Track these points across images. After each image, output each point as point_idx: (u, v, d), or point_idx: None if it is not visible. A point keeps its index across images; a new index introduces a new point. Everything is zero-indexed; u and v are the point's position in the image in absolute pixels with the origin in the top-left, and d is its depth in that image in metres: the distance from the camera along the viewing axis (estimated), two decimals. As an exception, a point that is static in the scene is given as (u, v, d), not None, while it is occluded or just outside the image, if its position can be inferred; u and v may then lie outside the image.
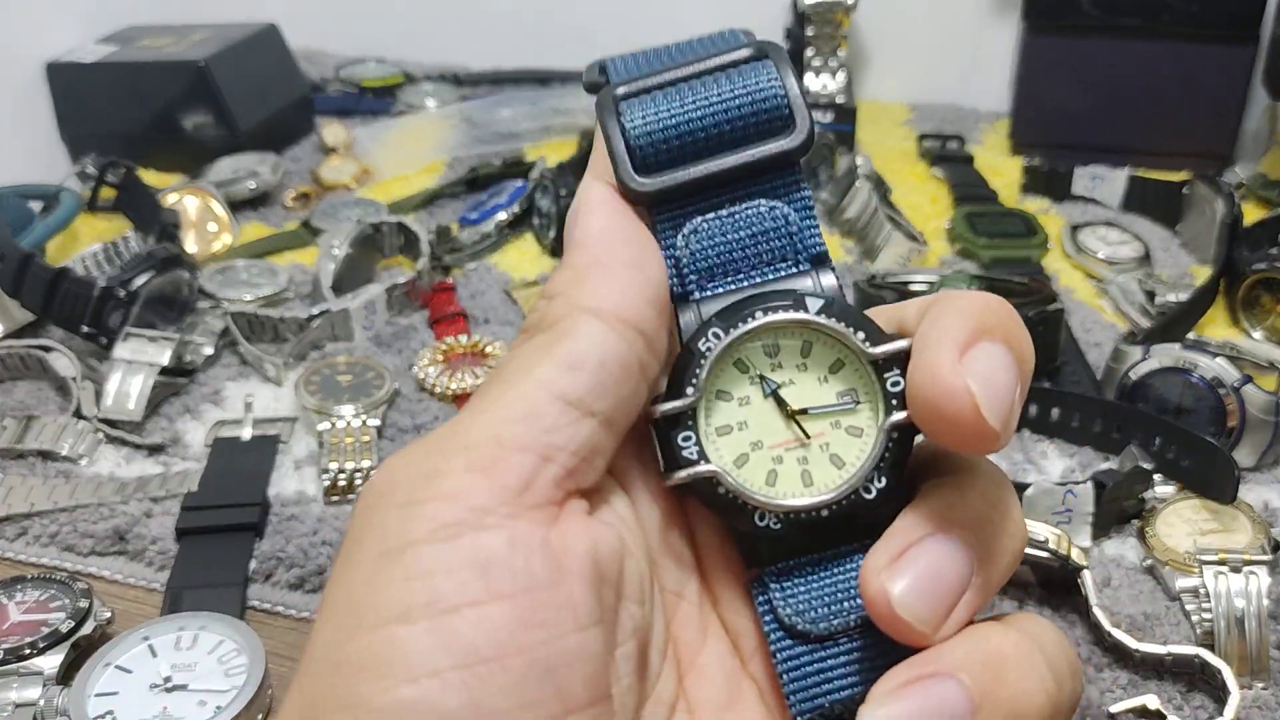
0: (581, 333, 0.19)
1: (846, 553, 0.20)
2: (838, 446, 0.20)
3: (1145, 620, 0.44)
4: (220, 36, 0.89)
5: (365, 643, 0.16)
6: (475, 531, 0.17)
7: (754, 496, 0.20)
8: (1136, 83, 0.86)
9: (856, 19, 0.97)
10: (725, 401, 0.20)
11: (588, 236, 0.20)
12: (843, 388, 0.20)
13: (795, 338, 0.20)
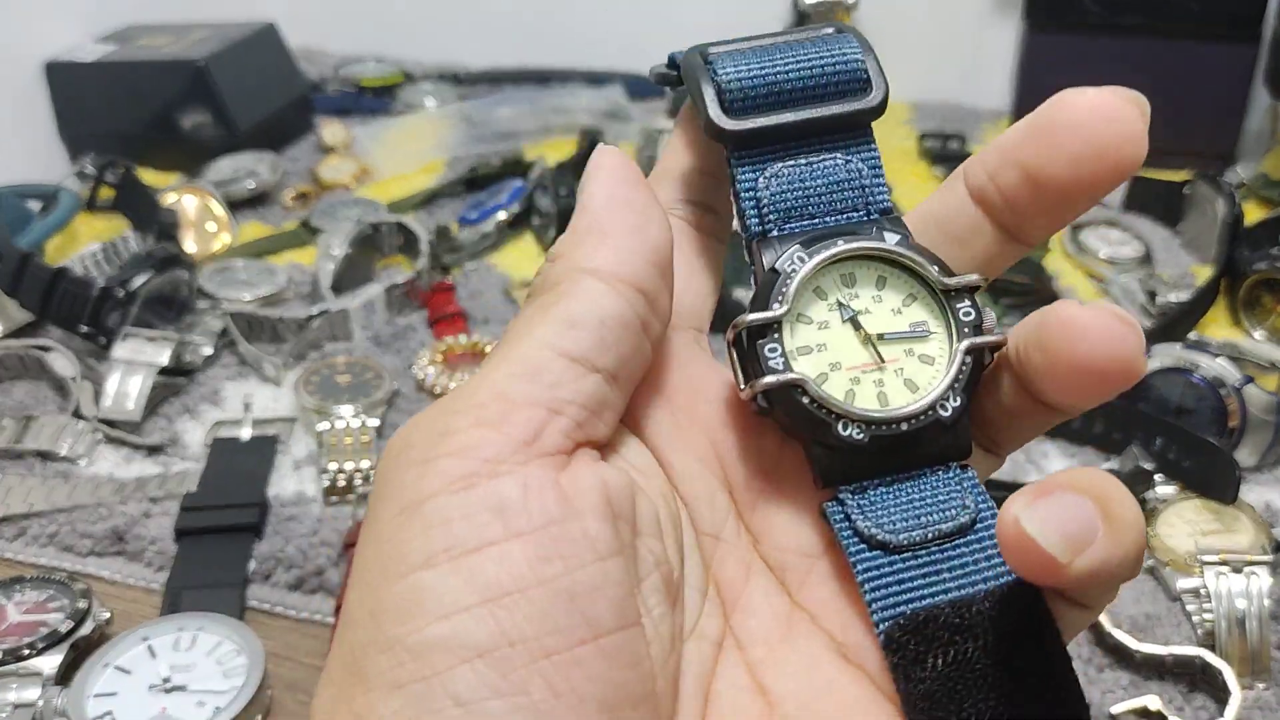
0: (580, 292, 0.20)
1: (924, 470, 0.20)
2: (911, 372, 0.21)
3: (1146, 621, 0.44)
4: (219, 36, 0.88)
5: (395, 590, 0.17)
6: (488, 480, 0.18)
7: (839, 405, 0.20)
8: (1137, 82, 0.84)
9: (857, 18, 0.97)
10: (805, 324, 0.21)
11: (592, 201, 0.21)
12: (916, 319, 0.21)
13: (871, 269, 0.21)
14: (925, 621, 0.19)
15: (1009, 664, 0.18)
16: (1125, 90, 0.21)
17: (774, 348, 0.20)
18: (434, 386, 0.60)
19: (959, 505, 0.20)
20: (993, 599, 0.19)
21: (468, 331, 0.65)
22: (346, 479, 0.52)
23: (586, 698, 0.17)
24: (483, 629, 0.17)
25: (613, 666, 0.17)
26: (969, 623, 0.19)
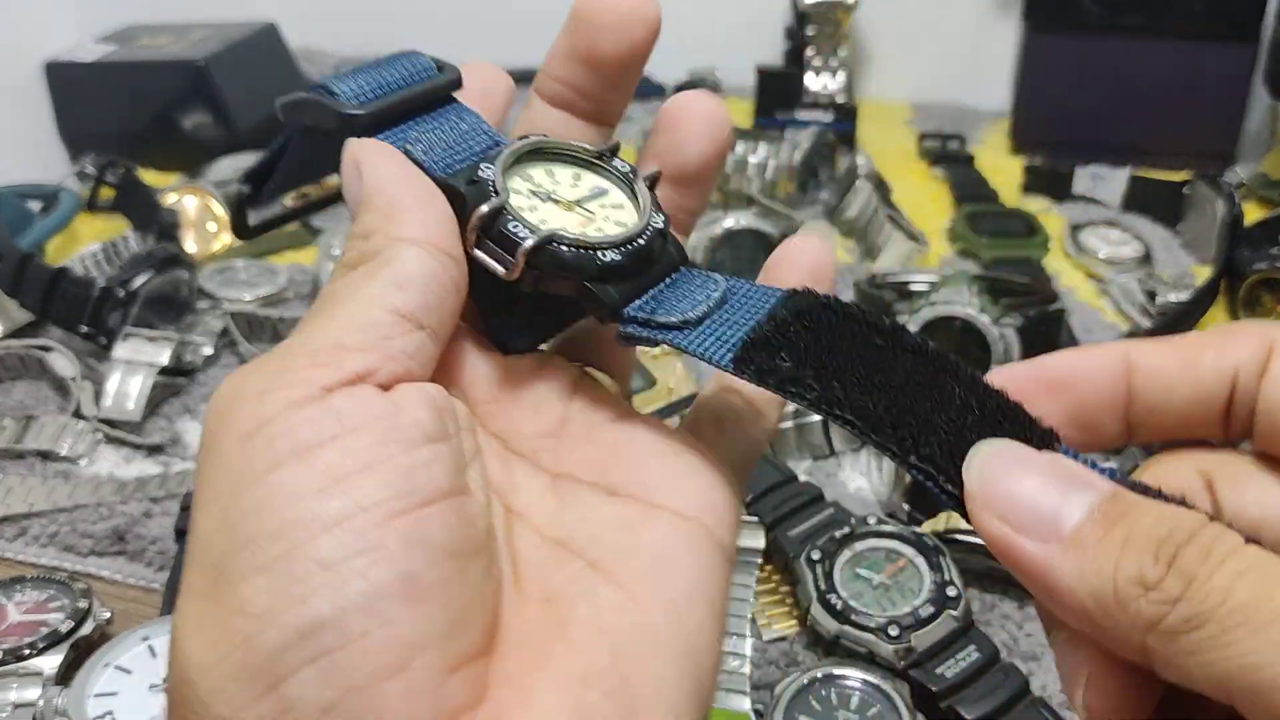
0: (405, 258, 0.22)
1: (670, 272, 0.25)
2: (615, 216, 0.25)
3: (1147, 621, 0.44)
4: (219, 36, 0.89)
5: (247, 498, 0.19)
6: (322, 400, 0.20)
7: (591, 239, 0.23)
8: (1137, 82, 0.86)
9: (857, 18, 0.97)
10: (521, 208, 0.24)
11: (382, 182, 0.23)
12: (591, 184, 0.26)
13: (537, 163, 0.25)
14: (755, 342, 0.23)
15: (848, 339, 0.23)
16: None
17: (515, 224, 0.23)
18: (434, 386, 0.60)
19: (712, 284, 0.24)
20: (790, 309, 0.23)
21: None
22: (347, 479, 0.52)
23: (438, 546, 0.19)
24: (335, 503, 0.18)
25: (455, 522, 0.20)
26: (786, 325, 0.23)
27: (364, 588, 0.18)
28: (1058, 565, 0.19)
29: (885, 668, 0.40)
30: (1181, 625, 0.17)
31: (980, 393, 0.22)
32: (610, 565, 0.22)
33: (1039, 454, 0.21)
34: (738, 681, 0.41)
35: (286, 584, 0.18)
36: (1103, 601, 0.18)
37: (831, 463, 0.55)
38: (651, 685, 0.20)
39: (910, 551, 0.44)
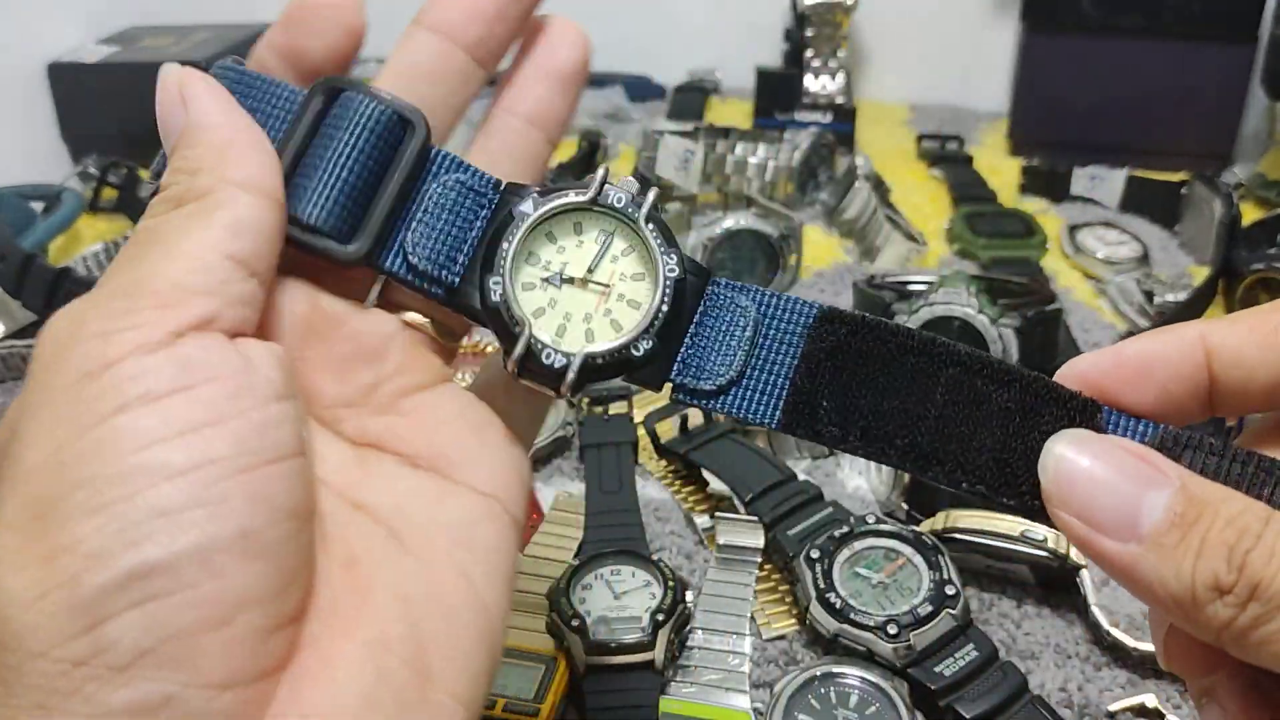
0: (241, 202, 0.21)
1: (696, 299, 0.25)
2: (629, 278, 0.25)
3: (1144, 619, 0.44)
4: (221, 37, 0.89)
5: (88, 438, 0.18)
6: (172, 345, 0.19)
7: (623, 340, 0.24)
8: (1135, 83, 0.86)
9: (856, 19, 0.98)
10: (527, 291, 0.24)
11: (210, 117, 0.23)
12: (594, 234, 0.25)
13: (538, 236, 0.25)
14: (797, 399, 0.23)
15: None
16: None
17: (549, 352, 0.24)
18: (435, 386, 0.60)
19: (740, 315, 0.24)
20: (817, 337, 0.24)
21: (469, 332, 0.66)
22: (349, 478, 0.52)
23: (278, 506, 0.19)
24: (182, 454, 0.18)
25: (296, 484, 0.20)
26: (821, 367, 0.23)
27: (200, 539, 0.18)
28: (1138, 564, 0.20)
29: (884, 666, 0.41)
30: (1250, 624, 0.19)
31: (1018, 389, 0.22)
32: (410, 536, 0.22)
33: (1107, 447, 0.21)
34: (737, 680, 0.41)
35: (122, 527, 0.18)
36: (1181, 602, 0.20)
37: (830, 462, 0.55)
38: (447, 652, 0.22)
39: (909, 550, 0.44)
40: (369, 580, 0.22)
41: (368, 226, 0.23)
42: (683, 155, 0.77)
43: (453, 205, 0.24)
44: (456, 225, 0.24)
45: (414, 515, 0.23)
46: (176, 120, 0.23)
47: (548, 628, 0.42)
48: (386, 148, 0.24)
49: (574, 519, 0.50)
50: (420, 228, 0.24)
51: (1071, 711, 0.41)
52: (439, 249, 0.24)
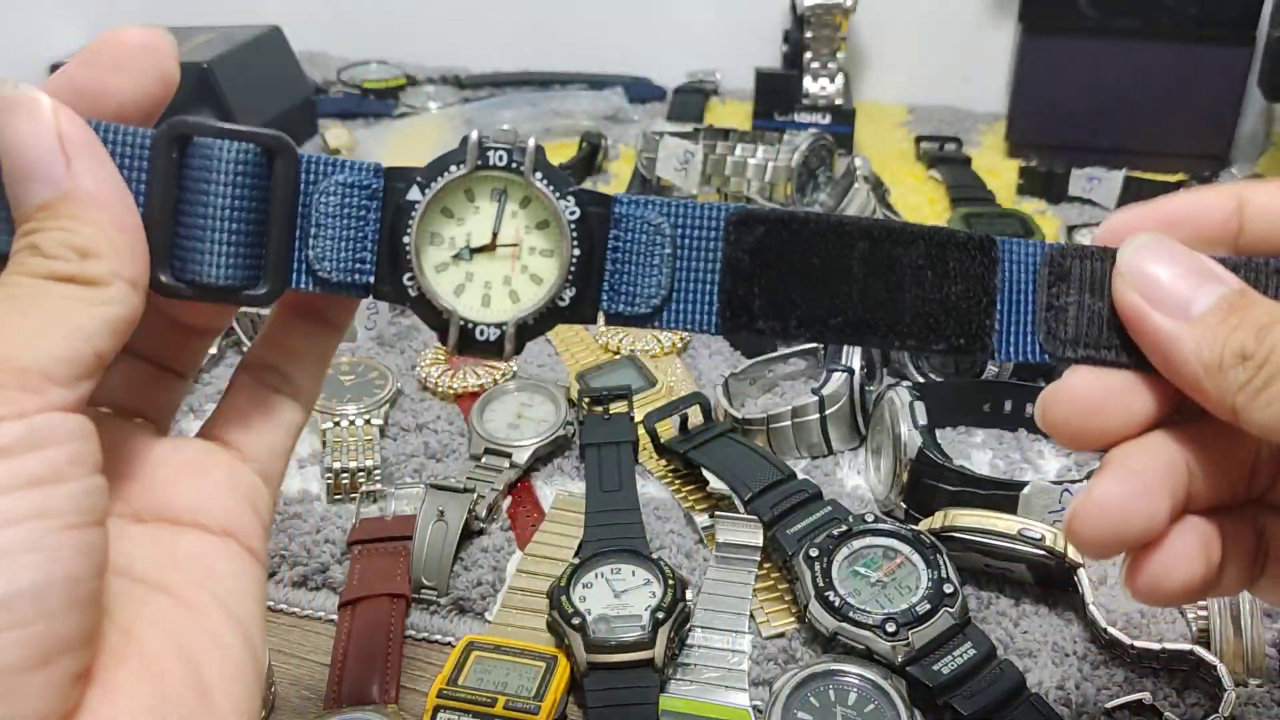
0: (127, 304, 0.22)
1: (604, 228, 0.25)
2: (534, 231, 0.25)
3: (1141, 618, 0.45)
4: (224, 39, 0.89)
5: None
6: (29, 417, 0.20)
7: (546, 295, 0.25)
8: (1133, 84, 0.87)
9: (855, 21, 0.98)
10: (460, 287, 0.25)
11: (105, 192, 0.22)
12: (484, 198, 0.25)
13: (435, 214, 0.25)
14: (731, 302, 0.25)
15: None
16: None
17: (482, 329, 0.25)
18: (436, 386, 0.60)
19: (656, 235, 0.25)
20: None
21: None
22: (350, 477, 0.53)
23: (98, 562, 0.21)
24: (25, 503, 0.19)
25: (106, 544, 0.21)
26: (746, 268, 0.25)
27: (35, 580, 0.19)
28: (1180, 339, 0.24)
29: (883, 664, 0.41)
30: (1262, 383, 0.23)
31: (923, 244, 0.24)
32: (155, 577, 0.24)
33: (1185, 249, 0.25)
34: (736, 678, 0.42)
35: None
36: (1210, 369, 0.23)
37: (829, 461, 0.55)
38: (219, 669, 0.23)
39: (907, 549, 0.44)
40: (129, 622, 0.23)
41: (269, 264, 0.24)
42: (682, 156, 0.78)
43: (341, 208, 0.24)
44: (352, 226, 0.24)
45: (151, 559, 0.24)
46: (49, 171, 0.21)
47: (548, 626, 0.42)
48: (260, 182, 0.23)
49: (574, 518, 0.50)
50: (318, 241, 0.24)
51: (1069, 709, 0.41)
52: (343, 255, 0.24)
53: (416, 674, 0.44)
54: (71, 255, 0.21)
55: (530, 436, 0.55)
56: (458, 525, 0.48)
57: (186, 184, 0.23)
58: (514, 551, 0.49)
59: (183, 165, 0.23)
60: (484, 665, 0.41)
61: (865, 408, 0.55)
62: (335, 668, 0.43)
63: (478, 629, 0.45)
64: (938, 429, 0.55)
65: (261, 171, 0.23)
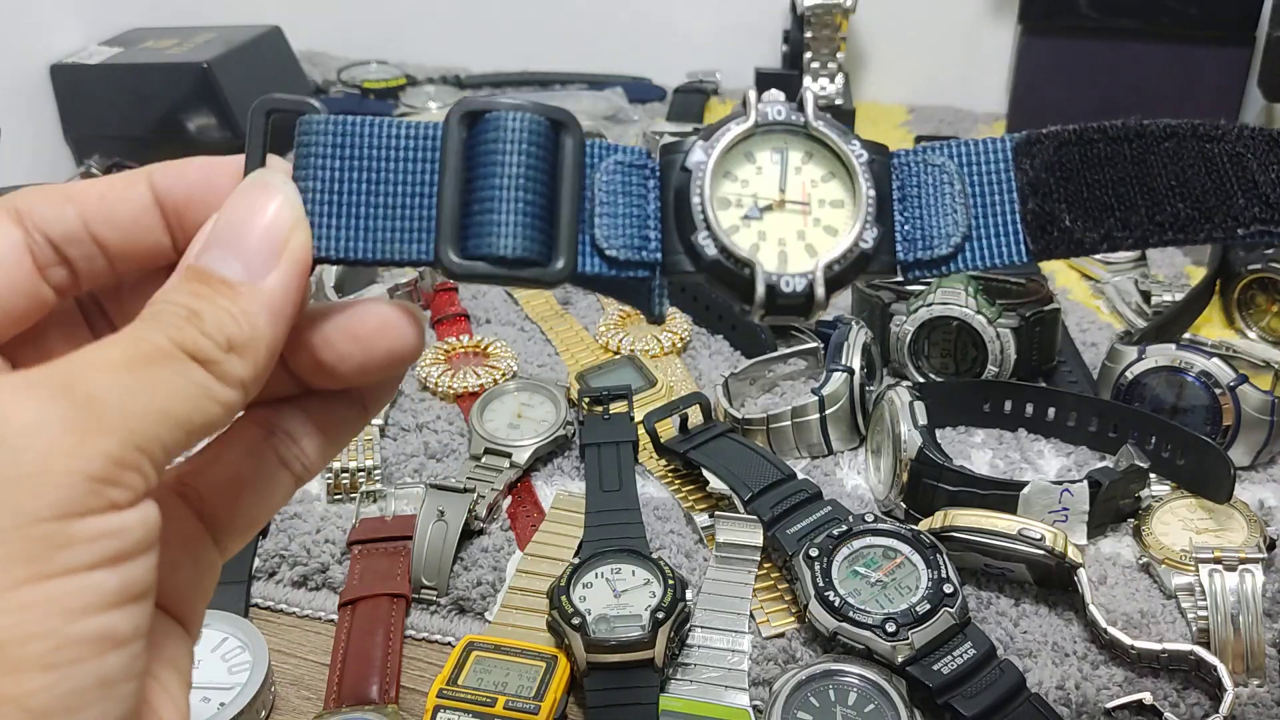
0: (230, 413, 0.20)
1: (889, 179, 0.25)
2: (821, 184, 0.24)
3: (1141, 618, 0.45)
4: (224, 38, 0.89)
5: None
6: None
7: (848, 241, 0.23)
8: (1133, 84, 0.87)
9: (855, 21, 0.98)
10: (757, 244, 0.24)
11: (286, 307, 0.21)
12: (768, 156, 0.25)
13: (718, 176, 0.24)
14: (1036, 222, 0.24)
15: None
16: None
17: (787, 279, 0.23)
18: (436, 386, 0.60)
19: (942, 172, 0.24)
20: None
21: (470, 331, 0.66)
22: (350, 478, 0.53)
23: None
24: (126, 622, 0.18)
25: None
26: (1047, 185, 0.23)
27: (124, 713, 0.18)
28: None
29: (883, 664, 0.41)
30: None
31: (1229, 140, 0.23)
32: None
33: None
34: (736, 678, 0.42)
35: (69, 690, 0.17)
36: None
37: (829, 461, 0.55)
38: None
39: (907, 549, 0.44)
40: None
41: (561, 240, 0.22)
42: (682, 156, 0.77)
43: (623, 187, 0.23)
44: (635, 205, 0.23)
45: None
46: (255, 262, 0.20)
47: (548, 626, 0.42)
48: (549, 155, 0.23)
49: (574, 518, 0.50)
50: (603, 220, 0.23)
51: (1069, 709, 0.41)
52: (629, 233, 0.23)
53: (416, 674, 0.44)
54: (223, 342, 0.20)
55: (530, 436, 0.55)
56: (458, 525, 0.48)
57: (477, 159, 0.22)
58: (514, 551, 0.49)
59: (471, 143, 0.22)
60: (484, 665, 0.41)
61: (865, 408, 0.55)
62: (335, 668, 0.43)
63: (478, 629, 0.45)
64: (938, 429, 0.55)
65: (550, 144, 0.23)
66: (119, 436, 0.18)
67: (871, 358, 0.57)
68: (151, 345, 0.19)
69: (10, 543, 0.17)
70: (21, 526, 0.17)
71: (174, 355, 0.19)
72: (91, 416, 0.17)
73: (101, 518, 0.17)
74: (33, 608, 0.17)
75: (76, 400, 0.17)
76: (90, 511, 0.17)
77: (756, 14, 1.02)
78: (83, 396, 0.17)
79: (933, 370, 0.59)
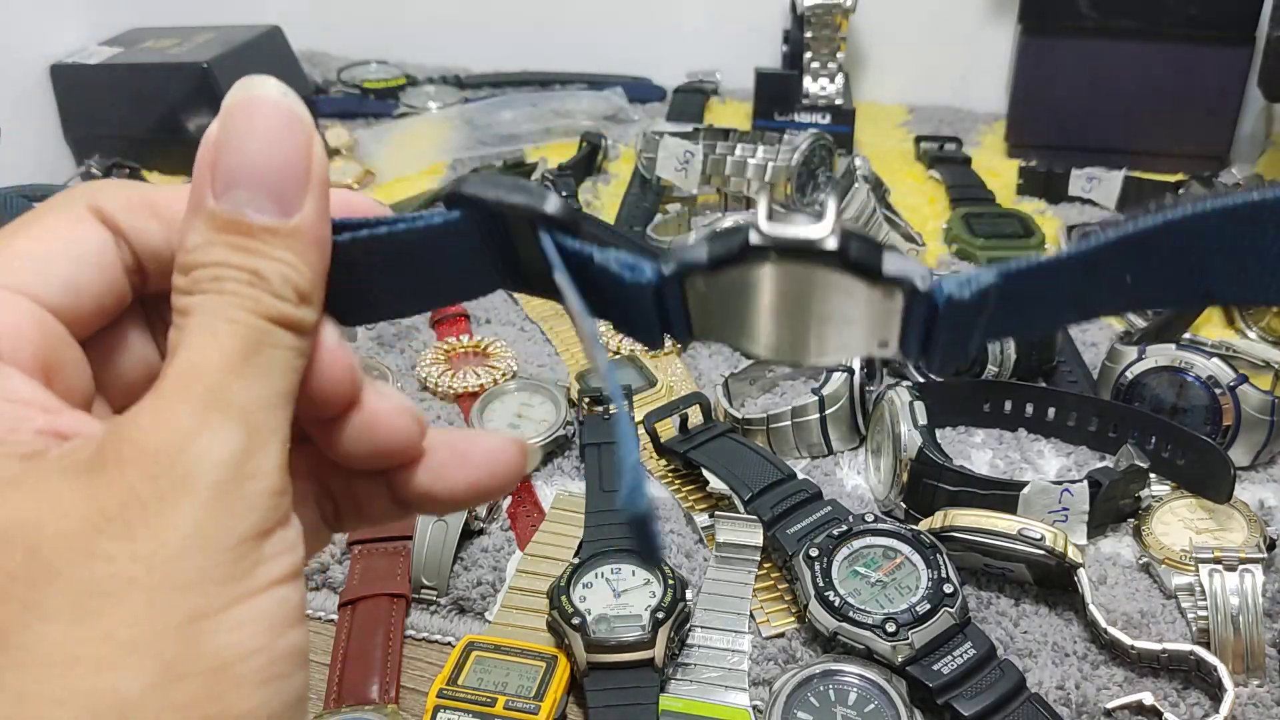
0: (307, 357, 0.20)
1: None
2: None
3: (1141, 618, 0.45)
4: (224, 38, 0.89)
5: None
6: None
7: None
8: (1133, 84, 0.87)
9: (855, 21, 0.98)
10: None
11: (325, 231, 0.20)
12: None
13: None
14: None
15: None
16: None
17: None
18: (437, 386, 0.60)
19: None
20: None
21: (470, 331, 0.66)
22: (350, 478, 0.53)
23: None
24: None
25: None
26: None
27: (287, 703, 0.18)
28: None
29: (883, 664, 0.41)
30: None
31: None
32: None
33: None
34: (736, 678, 0.42)
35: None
36: None
37: (829, 461, 0.55)
38: None
39: (907, 549, 0.44)
40: None
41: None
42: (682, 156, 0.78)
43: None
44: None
45: None
46: (290, 196, 0.19)
47: (548, 626, 0.42)
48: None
49: (574, 518, 0.50)
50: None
51: (1069, 709, 0.41)
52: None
53: (416, 674, 0.44)
54: (294, 297, 0.19)
55: (530, 436, 0.55)
56: (458, 525, 0.48)
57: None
58: (514, 551, 0.49)
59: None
60: (484, 665, 0.41)
61: (865, 408, 0.55)
62: (335, 668, 0.43)
63: (478, 629, 0.45)
64: (938, 429, 0.55)
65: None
66: (276, 444, 0.18)
67: (872, 357, 0.58)
68: (248, 328, 0.18)
69: (223, 565, 0.17)
70: (230, 549, 0.17)
71: (268, 331, 0.18)
72: (254, 430, 0.18)
73: (282, 532, 0.18)
74: (248, 625, 0.17)
75: (240, 418, 0.17)
76: (276, 526, 0.18)
77: (756, 14, 1.02)
78: (238, 410, 0.18)
79: (932, 370, 0.60)
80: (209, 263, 0.18)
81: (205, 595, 0.17)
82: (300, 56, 0.97)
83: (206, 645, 0.16)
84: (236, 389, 0.18)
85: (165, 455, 0.17)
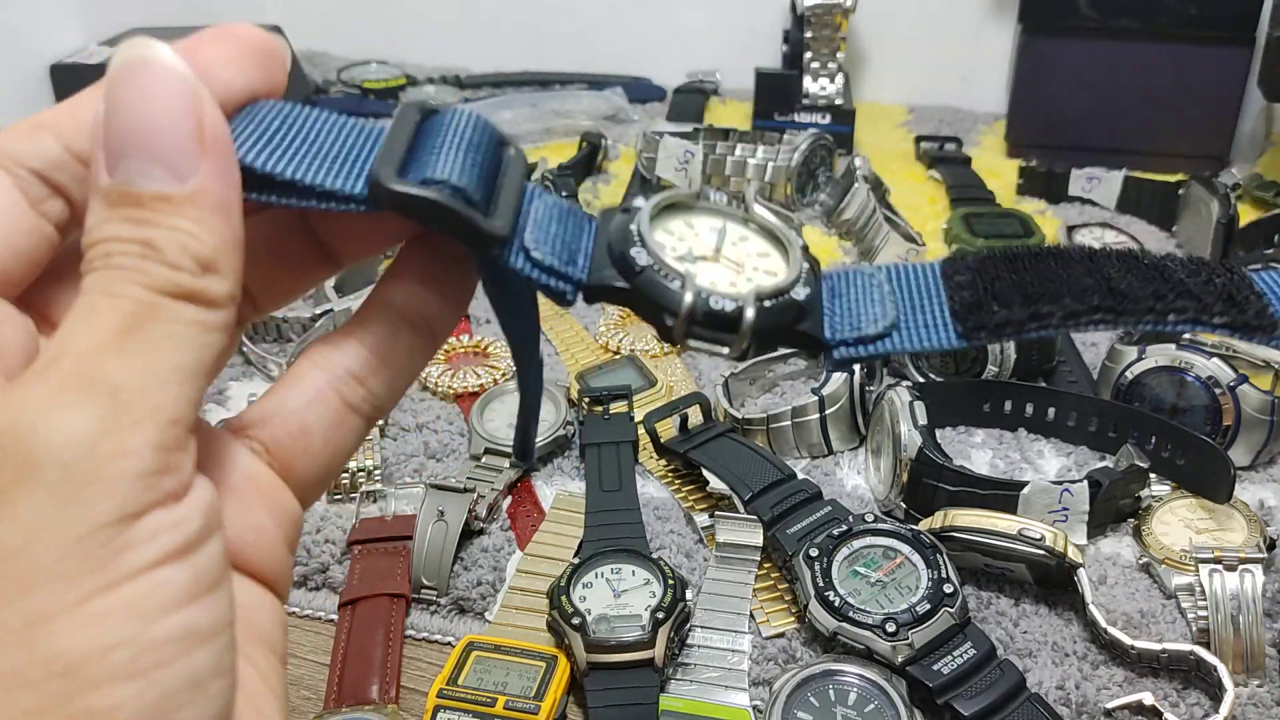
0: (228, 332, 0.19)
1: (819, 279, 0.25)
2: (754, 251, 0.24)
3: (1141, 618, 0.45)
4: (222, 39, 0.89)
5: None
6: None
7: (784, 284, 0.23)
8: (1133, 84, 0.87)
9: (855, 21, 0.98)
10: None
11: (230, 195, 0.19)
12: (707, 225, 0.25)
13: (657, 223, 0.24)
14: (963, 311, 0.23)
15: None
16: None
17: (716, 299, 0.22)
18: (437, 385, 0.60)
19: (870, 276, 0.24)
20: None
21: (470, 331, 0.66)
22: (350, 477, 0.53)
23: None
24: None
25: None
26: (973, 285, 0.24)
27: (218, 711, 0.17)
28: None
29: (883, 664, 0.41)
30: None
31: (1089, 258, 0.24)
32: None
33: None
34: (736, 678, 0.42)
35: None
36: None
37: (829, 461, 0.55)
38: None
39: (907, 549, 0.44)
40: None
41: (500, 205, 0.21)
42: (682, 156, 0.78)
43: (560, 218, 0.23)
44: (568, 234, 0.23)
45: None
46: (180, 160, 0.18)
47: (548, 626, 0.42)
48: (494, 152, 0.22)
49: (574, 518, 0.50)
50: (535, 231, 0.22)
51: (1069, 709, 0.41)
52: (559, 249, 0.22)
53: (416, 674, 0.44)
54: (194, 267, 0.18)
55: (530, 436, 0.55)
56: (458, 525, 0.48)
57: (425, 133, 0.21)
58: (514, 551, 0.49)
59: (422, 127, 0.21)
60: (484, 665, 0.41)
61: (865, 408, 0.55)
62: (335, 668, 0.43)
63: (478, 629, 0.45)
64: (938, 429, 0.55)
65: (495, 145, 0.22)
66: (153, 420, 0.17)
67: (871, 358, 0.58)
68: (133, 303, 0.17)
69: (75, 556, 0.16)
70: (83, 538, 0.16)
71: (158, 304, 0.17)
72: (122, 408, 0.17)
73: (159, 512, 0.17)
74: (107, 617, 0.16)
75: (102, 395, 0.17)
76: (148, 508, 0.17)
77: (756, 14, 1.03)
78: (106, 389, 0.17)
79: (933, 370, 0.60)
80: (102, 239, 0.18)
81: (50, 594, 0.16)
82: (300, 56, 0.97)
83: (51, 647, 0.15)
84: (110, 367, 0.17)
85: (10, 438, 0.16)
